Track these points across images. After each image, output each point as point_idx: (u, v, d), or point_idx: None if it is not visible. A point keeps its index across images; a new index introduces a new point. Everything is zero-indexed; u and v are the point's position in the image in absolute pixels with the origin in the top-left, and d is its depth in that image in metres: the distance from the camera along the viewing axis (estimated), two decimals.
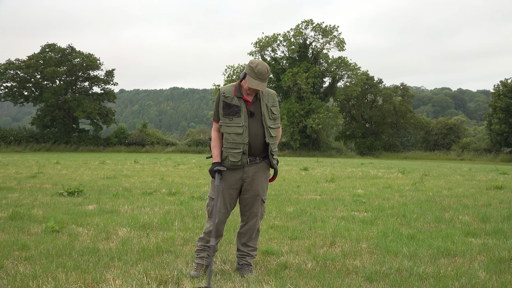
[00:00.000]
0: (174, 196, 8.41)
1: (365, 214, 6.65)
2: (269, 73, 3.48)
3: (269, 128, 3.59)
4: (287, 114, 41.75)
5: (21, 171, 13.99)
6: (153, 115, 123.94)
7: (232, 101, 3.52)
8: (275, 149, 3.66)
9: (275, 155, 3.66)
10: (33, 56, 42.59)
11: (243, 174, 3.59)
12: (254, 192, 3.63)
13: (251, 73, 3.42)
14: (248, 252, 3.73)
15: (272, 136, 3.62)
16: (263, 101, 3.60)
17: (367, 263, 3.94)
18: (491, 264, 3.90)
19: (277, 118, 3.69)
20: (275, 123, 3.66)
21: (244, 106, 3.53)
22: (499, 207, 7.46)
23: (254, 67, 3.41)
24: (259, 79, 3.42)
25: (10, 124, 71.02)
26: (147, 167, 17.39)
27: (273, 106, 3.66)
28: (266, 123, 3.58)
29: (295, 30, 43.93)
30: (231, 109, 3.51)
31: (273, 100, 3.68)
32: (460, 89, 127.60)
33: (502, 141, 39.79)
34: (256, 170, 3.62)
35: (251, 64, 3.44)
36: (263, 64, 3.45)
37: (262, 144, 3.59)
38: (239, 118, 3.50)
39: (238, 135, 3.51)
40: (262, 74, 3.41)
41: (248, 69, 3.44)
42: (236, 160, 3.53)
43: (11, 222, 5.63)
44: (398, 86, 50.84)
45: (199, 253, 3.75)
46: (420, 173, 15.52)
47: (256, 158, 3.61)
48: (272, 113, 3.63)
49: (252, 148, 3.56)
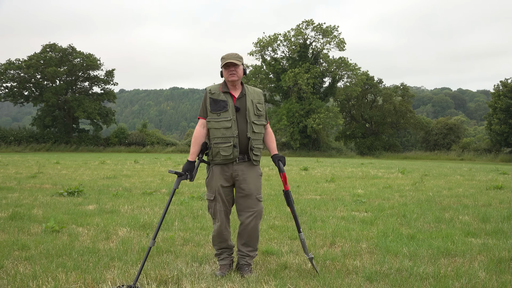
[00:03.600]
0: (174, 196, 8.41)
1: (365, 214, 6.65)
2: (237, 54, 3.68)
3: (253, 123, 3.66)
4: (287, 114, 41.73)
5: (21, 171, 13.99)
6: (153, 115, 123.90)
7: (218, 97, 3.65)
8: (256, 145, 3.68)
9: (256, 151, 3.67)
10: (34, 56, 42.58)
11: (233, 172, 3.64)
12: (247, 191, 3.64)
13: (222, 60, 3.67)
14: (247, 253, 3.73)
15: (254, 132, 3.66)
16: (248, 97, 3.72)
17: (367, 263, 3.94)
18: (491, 264, 3.90)
19: (262, 115, 3.75)
20: (259, 119, 3.72)
21: (231, 101, 3.65)
22: (499, 207, 7.46)
23: (222, 57, 3.69)
24: (228, 58, 3.63)
25: (10, 124, 70.93)
26: (147, 167, 17.38)
27: (258, 103, 3.75)
28: (250, 117, 3.65)
29: (296, 30, 43.93)
30: (218, 104, 3.63)
31: (259, 97, 3.79)
32: (460, 89, 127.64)
33: (502, 141, 39.77)
34: (245, 169, 3.65)
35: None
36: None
37: (247, 139, 3.64)
38: (226, 113, 3.61)
39: (227, 129, 3.59)
40: (228, 54, 3.67)
41: (220, 61, 3.69)
42: (227, 153, 3.58)
43: (11, 222, 5.63)
44: (398, 86, 50.84)
45: (219, 256, 3.82)
46: (420, 173, 15.51)
47: (244, 156, 3.65)
48: (257, 110, 3.72)
49: (240, 143, 3.62)
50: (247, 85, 3.81)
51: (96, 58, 44.62)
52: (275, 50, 45.26)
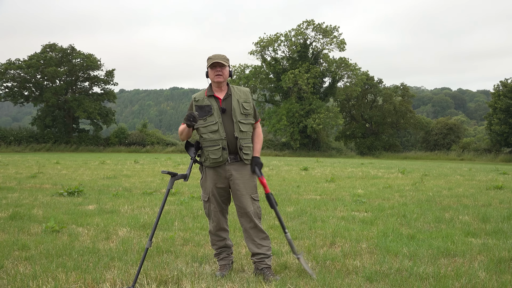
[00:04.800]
0: (174, 196, 8.41)
1: (365, 214, 6.65)
2: (224, 56, 3.68)
3: (239, 122, 3.65)
4: (287, 114, 41.73)
5: (21, 171, 13.99)
6: (153, 115, 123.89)
7: (203, 103, 3.66)
8: (246, 144, 3.67)
9: (245, 150, 3.66)
10: (34, 56, 42.59)
11: (226, 173, 3.63)
12: (241, 191, 3.63)
13: (209, 61, 3.67)
14: (265, 253, 3.64)
15: (242, 131, 3.65)
16: (234, 96, 3.71)
17: (367, 263, 3.93)
18: (491, 264, 3.90)
19: (249, 114, 3.73)
20: (246, 118, 3.70)
21: (215, 104, 3.65)
22: (499, 207, 7.46)
23: (209, 57, 3.69)
24: (215, 58, 3.63)
25: (10, 124, 70.97)
26: (147, 167, 17.38)
27: (245, 102, 3.73)
28: (236, 117, 3.65)
29: (296, 30, 43.93)
30: (203, 110, 3.65)
31: (246, 96, 3.77)
32: (460, 89, 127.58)
33: (502, 141, 39.76)
34: (238, 168, 3.65)
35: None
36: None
37: (235, 139, 3.64)
38: (212, 117, 3.62)
39: (214, 132, 3.60)
40: (215, 55, 3.67)
41: (207, 62, 3.70)
42: (216, 156, 3.59)
43: (11, 222, 5.63)
44: (398, 86, 50.84)
45: (218, 256, 3.81)
46: (420, 173, 15.51)
47: (236, 156, 3.65)
48: (244, 108, 3.70)
49: (229, 144, 3.62)
50: (233, 86, 3.80)
51: (96, 58, 44.64)
52: (275, 50, 45.27)
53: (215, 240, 3.79)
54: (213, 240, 3.80)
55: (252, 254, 3.68)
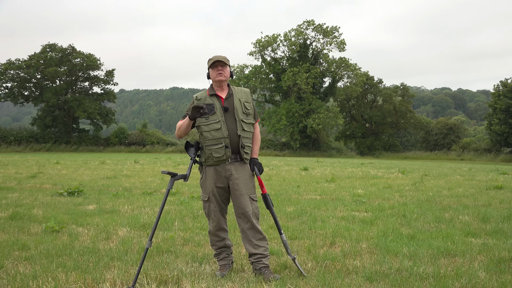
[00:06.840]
0: (174, 196, 8.41)
1: (365, 214, 6.65)
2: (225, 56, 3.72)
3: (242, 121, 3.68)
4: (286, 114, 41.74)
5: (21, 171, 13.99)
6: (153, 115, 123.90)
7: (205, 102, 3.67)
8: (247, 143, 3.69)
9: (247, 149, 3.68)
10: (34, 56, 42.60)
11: (226, 172, 3.64)
12: (240, 191, 3.64)
13: (209, 61, 3.71)
14: (262, 252, 3.64)
15: (244, 130, 3.68)
16: (236, 96, 3.75)
17: (367, 263, 3.93)
18: (491, 264, 3.90)
19: (250, 114, 3.77)
20: (248, 118, 3.74)
21: (218, 103, 3.67)
22: (499, 207, 7.46)
23: (210, 58, 3.73)
24: (215, 58, 3.68)
25: (10, 124, 70.98)
26: (147, 167, 17.38)
27: (246, 102, 3.78)
28: (239, 116, 3.68)
29: (296, 30, 43.95)
30: (207, 108, 3.65)
31: (247, 96, 3.82)
32: (460, 89, 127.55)
33: (502, 141, 39.77)
34: (238, 168, 3.66)
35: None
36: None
37: (237, 137, 3.66)
38: (214, 115, 3.63)
39: (217, 130, 3.61)
40: (216, 56, 3.71)
41: (207, 63, 3.74)
42: (220, 155, 3.60)
43: (11, 222, 5.63)
44: (398, 86, 50.87)
45: (218, 256, 3.82)
46: (420, 173, 15.52)
47: (236, 156, 3.67)
48: (245, 108, 3.74)
49: (231, 142, 3.63)
50: (233, 86, 3.84)
51: (96, 58, 44.66)
52: (275, 50, 45.28)
53: (214, 240, 3.80)
54: (213, 240, 3.81)
55: (250, 255, 3.69)
